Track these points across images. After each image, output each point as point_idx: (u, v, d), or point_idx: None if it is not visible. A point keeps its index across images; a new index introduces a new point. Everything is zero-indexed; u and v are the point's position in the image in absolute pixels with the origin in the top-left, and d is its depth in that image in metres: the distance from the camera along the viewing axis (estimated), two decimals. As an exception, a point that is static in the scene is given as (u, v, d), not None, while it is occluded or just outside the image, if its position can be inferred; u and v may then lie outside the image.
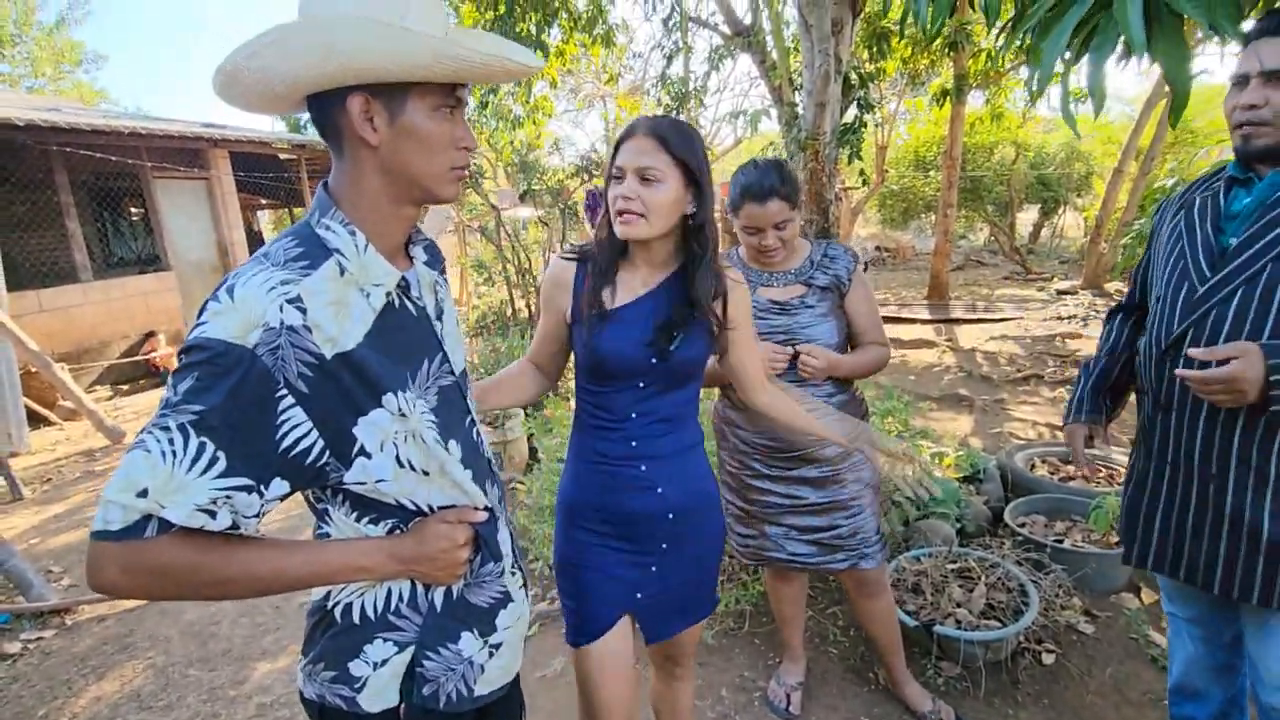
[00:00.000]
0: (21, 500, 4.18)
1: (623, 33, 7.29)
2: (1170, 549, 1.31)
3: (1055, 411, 4.56)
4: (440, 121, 0.83)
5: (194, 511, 0.71)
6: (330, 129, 0.82)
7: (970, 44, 7.28)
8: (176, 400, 0.71)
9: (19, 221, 6.96)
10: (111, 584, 0.72)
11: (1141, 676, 2.07)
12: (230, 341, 0.72)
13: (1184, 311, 1.24)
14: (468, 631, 0.95)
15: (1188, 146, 9.71)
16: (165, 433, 0.70)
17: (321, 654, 0.90)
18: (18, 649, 2.62)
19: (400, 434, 0.84)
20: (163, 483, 0.70)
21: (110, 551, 0.70)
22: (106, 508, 0.70)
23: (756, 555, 1.86)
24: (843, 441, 1.47)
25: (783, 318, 1.73)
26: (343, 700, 0.89)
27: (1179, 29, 1.49)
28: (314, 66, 0.75)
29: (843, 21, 4.04)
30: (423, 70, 0.77)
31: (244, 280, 0.75)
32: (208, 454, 0.71)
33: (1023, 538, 2.52)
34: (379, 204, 0.85)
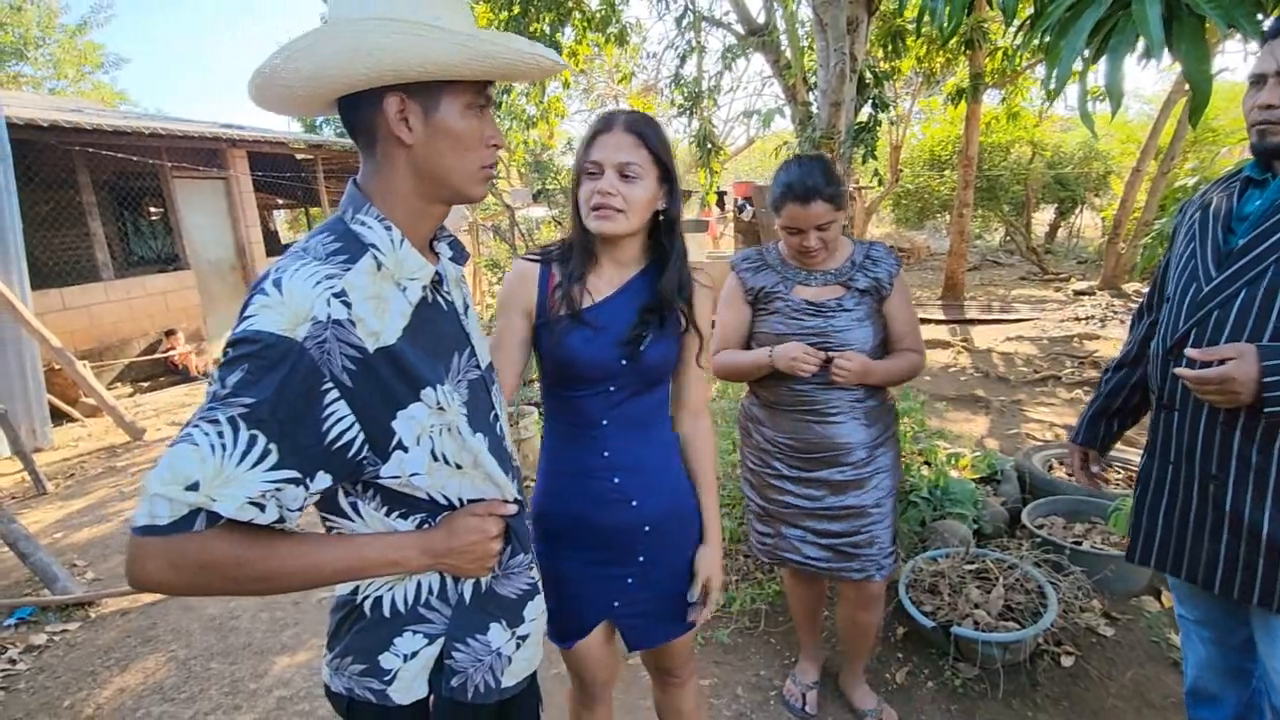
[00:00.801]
0: (45, 495, 4.25)
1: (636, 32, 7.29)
2: (1173, 548, 1.31)
3: (1073, 413, 4.51)
4: (472, 119, 0.85)
5: (245, 504, 0.71)
6: (363, 129, 0.83)
7: (986, 42, 7.22)
8: (225, 393, 0.71)
9: (43, 221, 7.09)
10: (156, 579, 0.71)
11: (1163, 680, 2.05)
12: (280, 334, 0.72)
13: (1189, 312, 1.25)
14: (496, 623, 0.96)
15: (1209, 145, 9.57)
16: (214, 425, 0.70)
17: (349, 648, 0.90)
18: (43, 641, 2.67)
19: (436, 427, 0.85)
20: (213, 475, 0.69)
21: (156, 546, 0.69)
22: (153, 502, 0.69)
23: (773, 555, 1.85)
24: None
25: (817, 319, 1.67)
26: (372, 693, 0.89)
27: (1199, 29, 1.47)
28: (355, 67, 0.76)
29: (858, 20, 4.02)
30: (460, 68, 0.79)
31: (290, 273, 0.75)
32: (259, 447, 0.71)
33: (1041, 539, 2.50)
34: (411, 202, 0.86)
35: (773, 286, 1.71)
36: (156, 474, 0.69)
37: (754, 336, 1.75)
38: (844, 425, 1.68)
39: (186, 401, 6.50)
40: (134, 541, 0.70)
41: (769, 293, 1.71)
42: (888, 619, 2.33)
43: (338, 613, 0.93)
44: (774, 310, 1.70)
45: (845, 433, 1.68)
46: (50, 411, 5.32)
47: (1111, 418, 1.60)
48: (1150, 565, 1.37)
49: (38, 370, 5.11)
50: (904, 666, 2.16)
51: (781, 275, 1.72)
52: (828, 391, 1.66)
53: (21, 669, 2.51)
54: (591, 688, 1.42)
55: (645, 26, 11.00)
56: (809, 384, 1.66)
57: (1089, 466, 1.65)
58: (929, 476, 2.81)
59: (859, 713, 1.96)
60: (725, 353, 1.76)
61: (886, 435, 1.75)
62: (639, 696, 2.12)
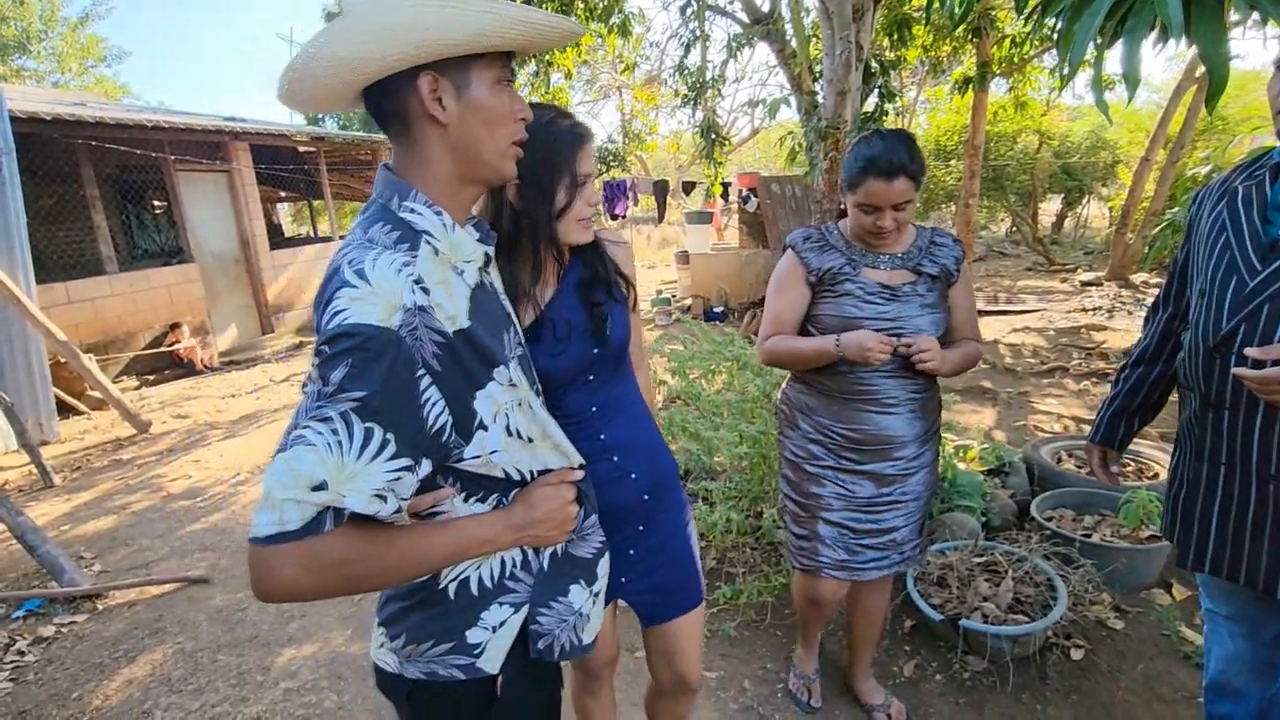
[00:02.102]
0: (52, 488, 4.27)
1: (639, 22, 7.24)
2: (1229, 551, 1.26)
3: (1081, 404, 4.49)
4: (502, 94, 0.85)
5: (371, 498, 0.72)
6: (394, 114, 0.83)
7: (994, 30, 7.15)
8: (333, 390, 0.70)
9: (47, 214, 7.09)
10: (291, 586, 0.70)
11: (1174, 674, 2.03)
12: (379, 325, 0.72)
13: (1234, 307, 1.19)
14: (575, 584, 0.99)
15: (1220, 134, 9.47)
16: (327, 424, 0.70)
17: (429, 632, 0.91)
18: (51, 633, 2.68)
19: (510, 404, 0.87)
20: (337, 472, 0.69)
21: (289, 552, 0.69)
22: (281, 508, 0.68)
23: (811, 559, 1.74)
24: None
25: (893, 304, 1.59)
26: (459, 669, 0.91)
27: (1218, 11, 1.44)
28: (396, 44, 0.75)
29: (864, 8, 3.97)
30: (494, 38, 0.79)
31: (370, 263, 0.75)
32: (376, 439, 0.72)
33: (1050, 532, 2.48)
34: (450, 184, 0.86)
35: (840, 268, 1.61)
36: (276, 480, 0.69)
37: (813, 320, 1.65)
38: (901, 417, 1.63)
39: (191, 394, 6.51)
40: (262, 552, 0.69)
41: (836, 274, 1.61)
42: (895, 611, 2.31)
43: (403, 600, 0.92)
44: (843, 293, 1.60)
45: (901, 425, 1.63)
46: (56, 405, 5.34)
47: (1131, 416, 1.56)
48: (1205, 571, 1.31)
49: (43, 364, 5.12)
50: (912, 659, 2.15)
51: (848, 257, 1.62)
52: (889, 379, 1.61)
53: (30, 661, 2.52)
54: (592, 672, 1.44)
55: (648, 17, 10.91)
56: (874, 372, 1.59)
57: (1108, 465, 1.62)
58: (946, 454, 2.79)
59: (868, 707, 1.95)
60: (780, 338, 1.66)
61: (934, 430, 1.71)
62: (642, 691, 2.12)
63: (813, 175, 4.47)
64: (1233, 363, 1.18)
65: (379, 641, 0.95)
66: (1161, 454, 3.01)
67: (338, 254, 0.79)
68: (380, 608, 0.96)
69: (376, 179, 0.87)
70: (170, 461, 4.64)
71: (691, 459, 2.99)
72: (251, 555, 0.70)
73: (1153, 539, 2.44)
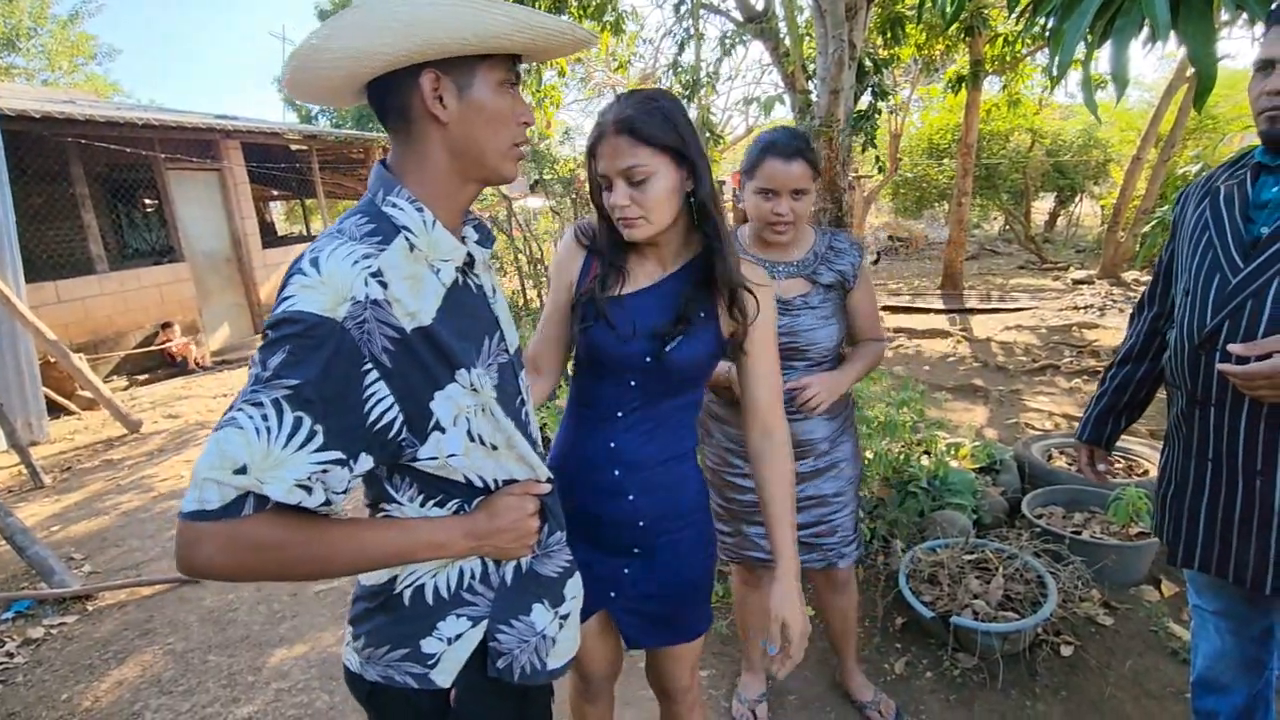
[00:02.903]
0: (42, 488, 4.24)
1: (633, 20, 7.22)
2: (1217, 547, 1.27)
3: (1072, 402, 4.51)
4: (505, 96, 0.85)
5: (293, 487, 0.71)
6: (395, 110, 0.83)
7: (987, 29, 7.17)
8: (268, 375, 0.70)
9: (36, 213, 7.03)
10: (206, 564, 0.71)
11: (1162, 669, 2.05)
12: (322, 315, 0.72)
13: (1217, 304, 1.20)
14: (538, 604, 0.97)
15: (1210, 133, 9.52)
16: (258, 409, 0.70)
17: (386, 636, 0.90)
18: (40, 634, 2.67)
19: (472, 408, 0.86)
20: (260, 458, 0.69)
21: (207, 531, 0.69)
22: (203, 487, 0.69)
23: (734, 554, 1.79)
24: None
25: (784, 318, 1.58)
26: (413, 678, 0.90)
27: (1206, 11, 1.45)
28: (404, 40, 0.75)
29: (857, 6, 3.98)
30: (502, 40, 0.80)
31: (327, 254, 0.75)
32: (305, 428, 0.71)
33: (1040, 529, 2.49)
34: (446, 182, 0.86)
35: None
36: (204, 459, 0.69)
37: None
38: (808, 421, 1.65)
39: (183, 394, 6.48)
40: (184, 527, 0.70)
41: None
42: (887, 609, 2.32)
43: (367, 601, 0.92)
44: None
45: (809, 428, 1.66)
46: (46, 405, 5.30)
47: (1119, 414, 1.58)
48: (1194, 567, 1.32)
49: (33, 363, 5.09)
50: (903, 656, 2.16)
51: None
52: (793, 391, 1.61)
53: (19, 662, 2.51)
54: (590, 679, 1.41)
55: (642, 14, 10.90)
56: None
57: (1096, 463, 1.63)
58: (928, 466, 2.80)
59: (859, 704, 1.96)
60: None
61: (847, 425, 1.74)
62: (639, 687, 2.12)
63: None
64: (1217, 359, 1.18)
65: (347, 639, 0.95)
66: (1151, 451, 3.03)
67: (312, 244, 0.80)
68: (351, 606, 0.96)
69: (371, 175, 0.87)
70: (161, 461, 4.62)
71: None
72: (178, 531, 0.70)
73: (1141, 536, 2.46)
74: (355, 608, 0.94)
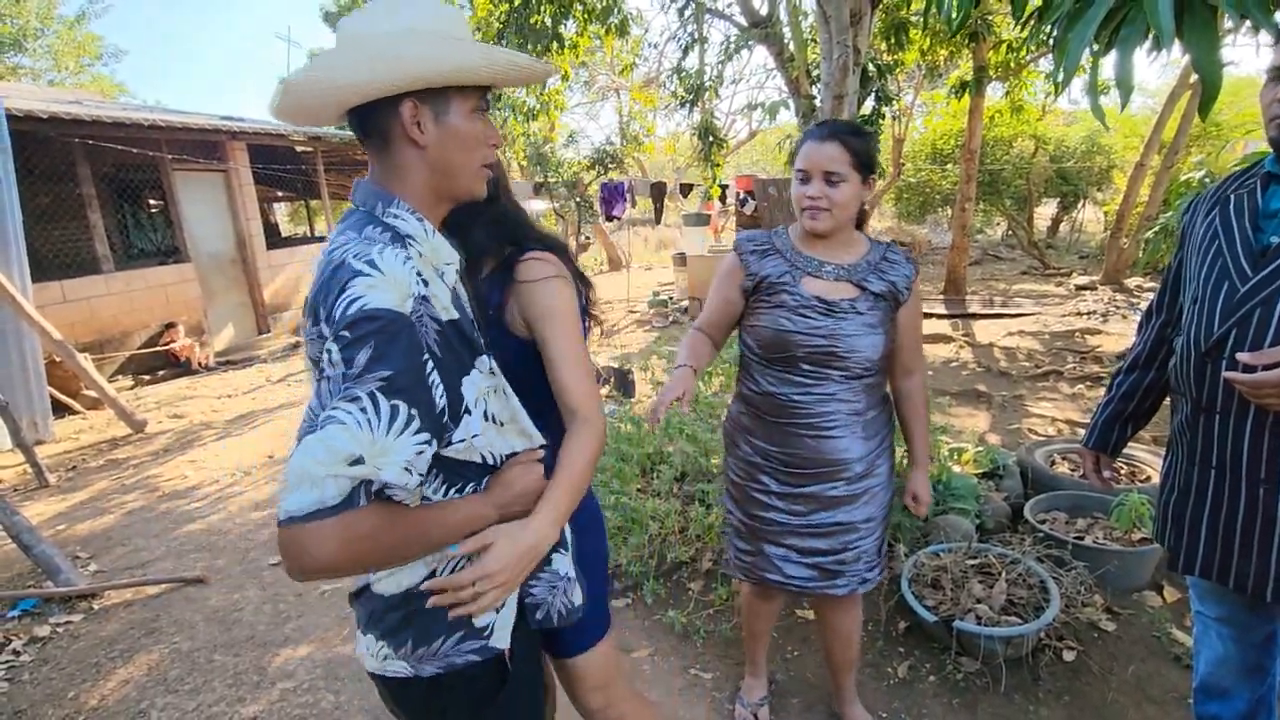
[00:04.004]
0: (47, 487, 4.26)
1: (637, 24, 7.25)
2: (1219, 555, 1.27)
3: (1075, 407, 4.51)
4: (476, 122, 0.94)
5: (401, 470, 0.76)
6: (376, 133, 0.91)
7: (991, 35, 7.18)
8: (359, 371, 0.75)
9: (43, 213, 7.06)
10: (329, 560, 0.73)
11: (1164, 675, 2.05)
12: (396, 310, 0.79)
13: (1225, 312, 1.21)
14: (555, 552, 1.07)
15: (1214, 139, 9.53)
16: (355, 403, 0.74)
17: (437, 629, 0.94)
18: (47, 632, 2.68)
19: (488, 390, 0.95)
20: (371, 446, 0.73)
21: (330, 527, 0.72)
22: (321, 484, 0.71)
23: (751, 574, 1.70)
24: None
25: (826, 320, 1.50)
26: (474, 653, 0.96)
27: (1211, 20, 1.46)
28: (384, 76, 0.84)
29: (861, 12, 3.99)
30: (472, 75, 0.88)
31: (379, 255, 0.81)
32: (403, 414, 0.76)
33: (1043, 534, 2.50)
34: (426, 197, 0.94)
35: (779, 276, 1.54)
36: (313, 458, 0.72)
37: (749, 329, 1.61)
38: (842, 439, 1.55)
39: (188, 394, 6.50)
40: (299, 530, 0.71)
41: (774, 283, 1.55)
42: (889, 613, 2.33)
43: (402, 608, 0.94)
44: (777, 303, 1.54)
45: (843, 447, 1.55)
46: (51, 404, 5.32)
47: (1126, 421, 1.58)
48: (1195, 574, 1.32)
49: (39, 363, 5.11)
50: (906, 661, 2.16)
51: (791, 264, 1.55)
52: (825, 404, 1.53)
53: (25, 660, 2.52)
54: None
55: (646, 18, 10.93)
56: (807, 395, 1.53)
57: (1101, 470, 1.64)
58: (931, 471, 2.80)
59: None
60: (688, 336, 1.66)
61: (885, 446, 1.64)
62: (644, 688, 2.13)
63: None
64: (1224, 367, 1.19)
65: (382, 654, 0.96)
66: (1154, 457, 3.04)
67: (334, 250, 0.84)
68: (373, 624, 0.97)
69: (356, 191, 0.93)
70: (166, 461, 4.63)
71: (688, 461, 3.00)
72: (288, 536, 0.72)
73: (1144, 542, 2.46)
74: (386, 621, 0.96)
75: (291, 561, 0.73)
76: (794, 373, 1.54)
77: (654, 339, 7.47)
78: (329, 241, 0.89)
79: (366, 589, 0.97)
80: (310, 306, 0.84)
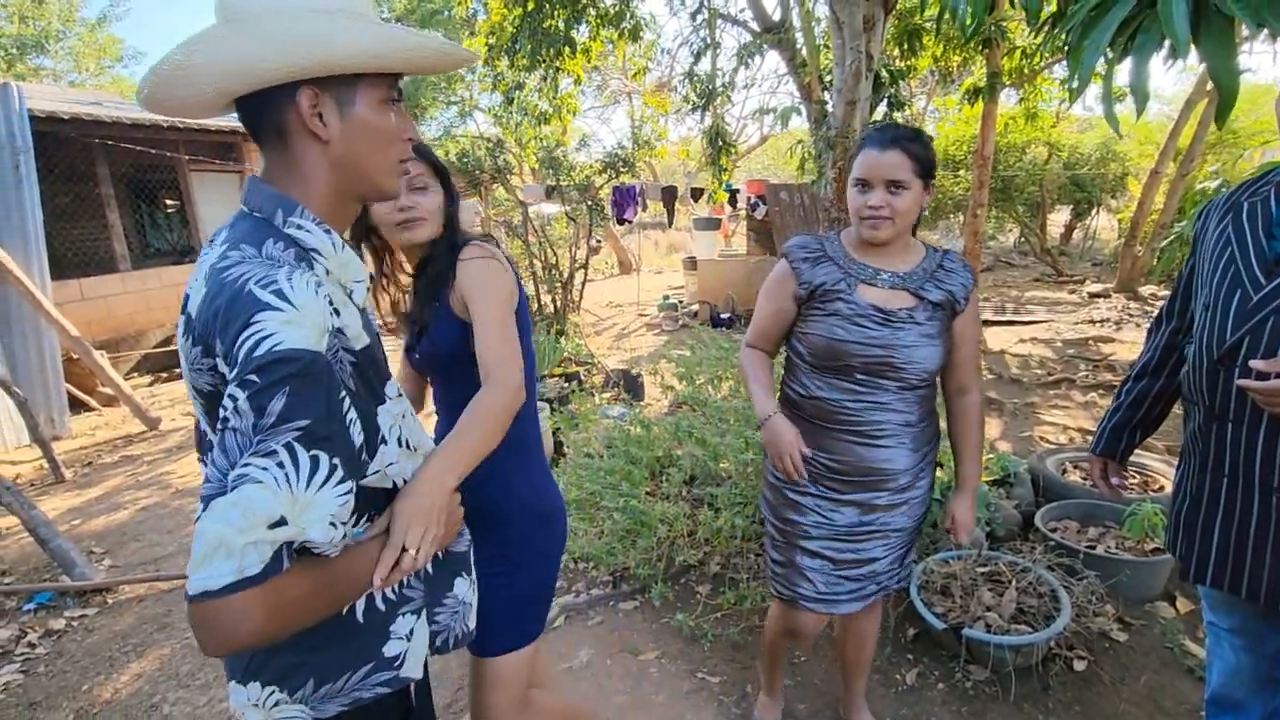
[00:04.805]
0: (63, 482, 4.32)
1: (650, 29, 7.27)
2: (1231, 564, 1.27)
3: (1088, 416, 4.48)
4: (386, 113, 0.83)
5: (327, 526, 0.70)
6: (270, 126, 0.80)
7: (1005, 41, 7.16)
8: (271, 421, 0.67)
9: (62, 212, 7.17)
10: (256, 634, 0.66)
11: (1177, 687, 2.03)
12: (312, 349, 0.70)
13: (1238, 320, 1.21)
14: (458, 577, 1.03)
15: (1229, 147, 9.44)
16: (271, 457, 0.66)
17: (344, 664, 0.87)
18: (62, 626, 2.71)
19: (400, 415, 0.90)
20: (293, 505, 0.66)
21: (253, 598, 0.64)
22: (240, 553, 0.63)
23: (788, 588, 1.63)
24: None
25: (884, 330, 1.44)
26: (384, 684, 0.89)
27: (1227, 28, 1.46)
28: (274, 58, 0.73)
29: (874, 18, 4.00)
30: (382, 59, 0.78)
31: (288, 283, 0.72)
32: (324, 465, 0.69)
33: (1054, 543, 2.48)
34: (331, 200, 0.83)
35: (834, 284, 1.48)
36: (228, 526, 0.64)
37: (801, 337, 1.54)
38: (891, 449, 1.50)
39: (201, 392, 6.56)
40: (216, 605, 0.63)
41: (829, 290, 1.48)
42: (898, 619, 2.32)
43: (304, 650, 0.84)
44: (831, 312, 1.48)
45: (891, 457, 1.50)
46: (68, 400, 5.39)
47: (1134, 429, 1.58)
48: (1207, 583, 1.31)
49: (56, 359, 5.18)
50: (914, 668, 2.15)
51: (845, 271, 1.49)
52: (877, 412, 1.48)
53: (40, 653, 2.55)
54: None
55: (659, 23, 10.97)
56: (858, 402, 1.49)
57: (1110, 477, 1.63)
58: (941, 478, 2.79)
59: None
60: (749, 360, 1.62)
61: (931, 459, 1.60)
62: (651, 691, 2.13)
63: (821, 184, 4.50)
64: (1237, 375, 1.19)
65: (271, 702, 0.83)
66: (1166, 467, 3.01)
67: (228, 270, 0.73)
68: (254, 671, 0.84)
69: (248, 189, 0.82)
70: (180, 458, 4.68)
71: (697, 464, 3.01)
72: (201, 612, 0.63)
73: (1157, 552, 2.44)
74: (276, 664, 0.84)
75: (211, 639, 0.65)
76: (847, 380, 1.49)
77: (663, 342, 7.48)
78: (214, 251, 0.78)
79: None
80: (197, 332, 0.74)
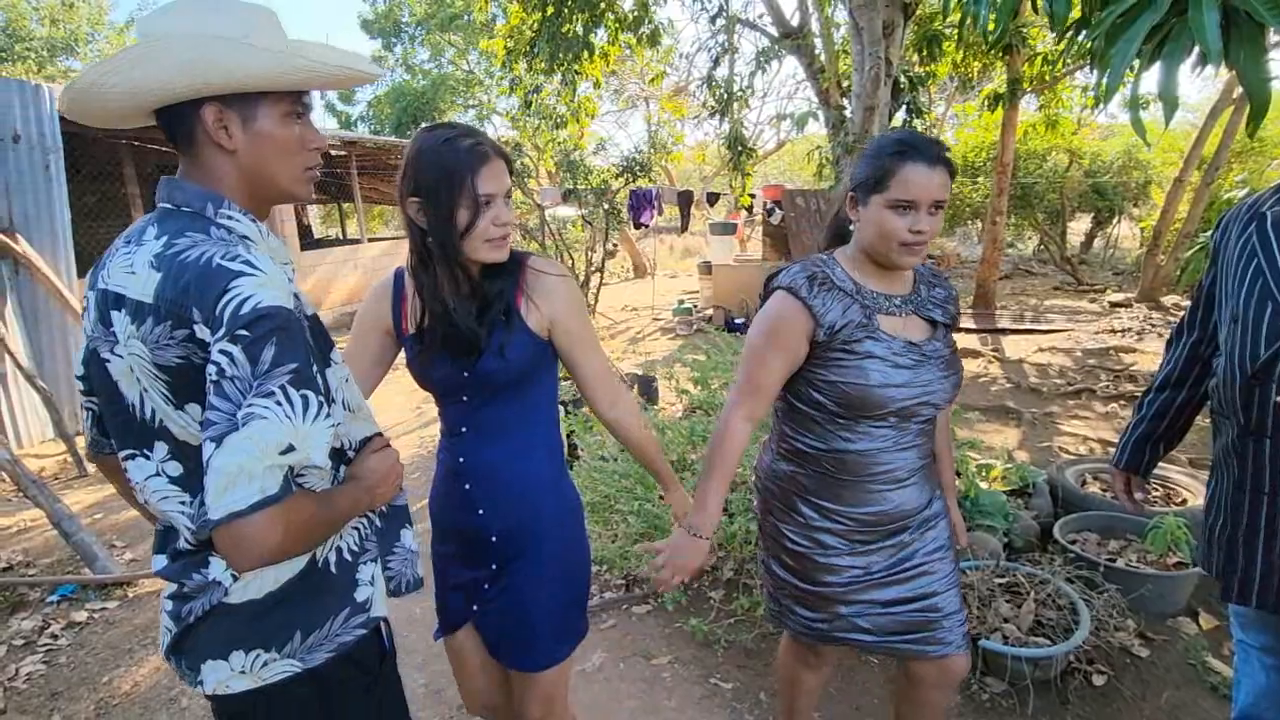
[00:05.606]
0: (85, 476, 4.39)
1: (669, 34, 7.30)
2: (1276, 582, 1.23)
3: (1108, 426, 4.42)
4: (290, 126, 0.92)
5: (325, 453, 0.82)
6: (183, 134, 0.89)
7: (1026, 47, 7.10)
8: (266, 368, 0.78)
9: (89, 211, 7.31)
10: (277, 547, 0.77)
11: (1200, 705, 1.99)
12: (286, 306, 0.82)
13: (1270, 335, 1.18)
14: (403, 528, 1.12)
15: (1257, 155, 9.29)
16: (271, 398, 0.77)
17: (325, 612, 0.96)
18: (84, 618, 2.76)
19: (344, 379, 1.00)
20: (297, 434, 0.77)
21: (274, 516, 0.75)
22: (260, 476, 0.74)
23: (825, 638, 1.46)
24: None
25: (921, 369, 1.29)
26: (360, 626, 1.00)
27: (1259, 36, 1.44)
28: (173, 79, 0.82)
29: (894, 24, 3.99)
30: (275, 79, 0.86)
31: (249, 255, 0.83)
32: (313, 403, 0.80)
33: (1074, 555, 2.45)
34: (244, 200, 0.92)
35: (857, 321, 1.28)
36: (245, 455, 0.74)
37: (824, 387, 1.31)
38: (915, 486, 1.39)
39: (220, 390, 6.64)
40: (244, 524, 0.74)
41: (854, 329, 1.28)
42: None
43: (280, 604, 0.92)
44: (865, 354, 1.27)
45: (913, 496, 1.39)
46: (92, 396, 5.47)
47: (1157, 441, 1.55)
48: (1252, 603, 1.27)
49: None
50: (930, 678, 2.13)
51: (859, 302, 1.30)
52: (904, 454, 1.35)
53: (63, 644, 2.60)
54: (468, 700, 1.46)
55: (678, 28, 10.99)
56: (888, 447, 1.34)
57: (1133, 491, 1.61)
58: (959, 487, 2.77)
59: None
60: (730, 439, 1.34)
61: (938, 487, 1.51)
62: (664, 696, 2.13)
63: (838, 189, 4.48)
64: (1273, 391, 1.16)
65: (260, 663, 0.91)
66: (1190, 480, 2.96)
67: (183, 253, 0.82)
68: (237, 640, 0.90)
69: (166, 187, 0.90)
70: (199, 455, 4.74)
71: (711, 469, 3.00)
72: (232, 532, 0.74)
73: (1180, 566, 2.40)
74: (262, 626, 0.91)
75: (240, 555, 0.76)
76: (881, 426, 1.32)
77: (678, 346, 7.47)
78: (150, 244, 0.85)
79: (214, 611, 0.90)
80: (163, 310, 0.81)
